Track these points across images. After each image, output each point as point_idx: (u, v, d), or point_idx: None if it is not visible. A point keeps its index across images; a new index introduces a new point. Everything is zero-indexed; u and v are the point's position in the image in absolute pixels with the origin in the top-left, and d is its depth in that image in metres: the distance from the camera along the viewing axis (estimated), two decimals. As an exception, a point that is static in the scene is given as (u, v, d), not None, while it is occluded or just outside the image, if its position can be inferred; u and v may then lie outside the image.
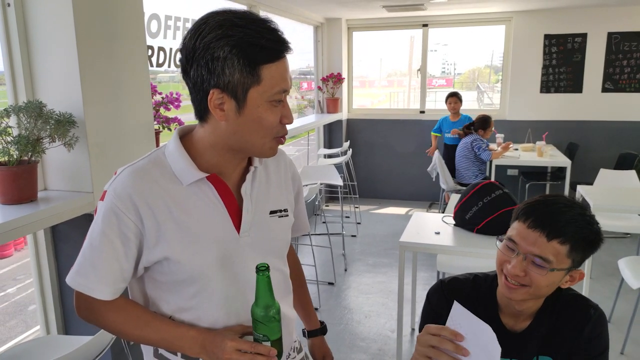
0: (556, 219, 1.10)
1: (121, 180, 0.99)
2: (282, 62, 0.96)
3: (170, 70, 3.54)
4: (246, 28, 0.92)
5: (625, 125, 5.61)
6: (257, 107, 0.95)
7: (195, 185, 1.01)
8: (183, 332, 1.01)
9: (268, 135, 0.99)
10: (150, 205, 0.98)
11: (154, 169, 1.01)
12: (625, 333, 2.97)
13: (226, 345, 0.96)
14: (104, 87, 2.13)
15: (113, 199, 0.97)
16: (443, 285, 1.34)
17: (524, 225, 1.12)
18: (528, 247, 1.11)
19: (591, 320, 1.21)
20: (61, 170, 2.11)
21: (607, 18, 5.45)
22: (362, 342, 3.14)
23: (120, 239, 0.97)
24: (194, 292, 1.04)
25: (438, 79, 9.13)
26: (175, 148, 1.02)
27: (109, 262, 0.98)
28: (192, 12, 3.32)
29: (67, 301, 2.27)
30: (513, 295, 1.15)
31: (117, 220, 0.97)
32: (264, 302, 0.96)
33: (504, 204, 2.56)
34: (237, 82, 0.93)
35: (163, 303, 1.07)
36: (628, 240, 4.73)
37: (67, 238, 2.20)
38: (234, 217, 1.05)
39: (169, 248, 0.99)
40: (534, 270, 1.11)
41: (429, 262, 4.17)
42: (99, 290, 0.99)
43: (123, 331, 1.04)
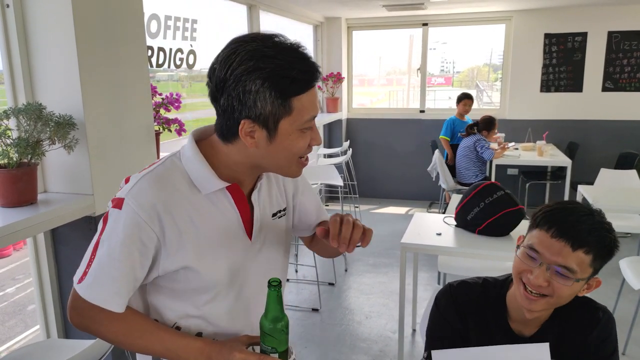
0: (579, 228, 1.08)
1: (142, 188, 0.96)
2: (312, 91, 0.97)
3: (169, 69, 3.52)
4: (277, 59, 0.91)
5: (626, 124, 5.61)
6: (289, 135, 0.96)
7: (213, 194, 1.01)
8: (189, 342, 0.98)
9: (296, 159, 1.01)
10: (172, 214, 0.96)
11: (170, 174, 0.99)
12: (627, 333, 2.97)
13: (234, 357, 0.95)
14: (104, 89, 2.12)
15: (136, 208, 0.94)
16: (452, 290, 1.33)
17: (546, 235, 1.10)
18: (552, 257, 1.09)
19: (600, 322, 1.20)
20: (61, 173, 2.10)
21: (608, 17, 5.44)
22: (363, 343, 3.13)
23: (139, 250, 0.95)
24: (206, 300, 1.04)
25: (437, 78, 9.11)
26: (194, 155, 1.01)
27: (126, 274, 0.95)
28: (192, 12, 3.30)
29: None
30: (533, 306, 1.13)
31: (139, 231, 0.94)
32: (274, 315, 0.96)
33: (506, 205, 2.56)
34: (268, 113, 0.93)
35: (167, 310, 1.05)
36: (628, 239, 4.72)
37: (67, 240, 2.18)
38: (246, 225, 1.06)
39: (189, 257, 0.98)
40: (558, 281, 1.09)
41: (429, 262, 4.16)
42: (115, 302, 0.95)
43: (125, 341, 1.00)
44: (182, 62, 3.20)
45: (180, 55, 3.17)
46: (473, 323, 1.28)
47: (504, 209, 2.55)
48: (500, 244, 2.53)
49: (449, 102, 11.61)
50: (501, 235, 2.62)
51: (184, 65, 3.22)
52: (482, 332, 1.27)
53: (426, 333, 1.38)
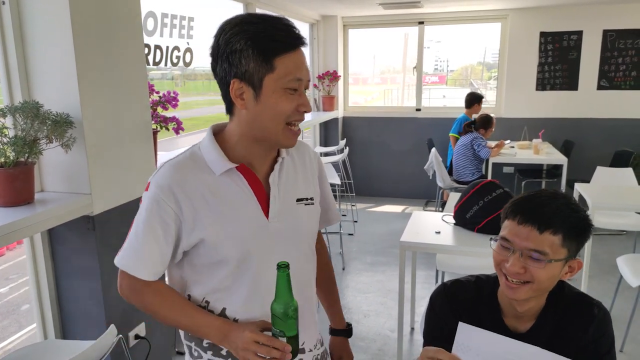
0: (543, 211, 1.11)
1: (162, 173, 1.09)
2: (296, 54, 1.05)
3: (163, 68, 3.50)
4: (260, 24, 1.03)
5: (621, 122, 5.63)
6: (273, 93, 1.04)
7: (227, 175, 1.11)
8: (211, 321, 1.10)
9: (282, 122, 1.06)
10: (187, 194, 1.07)
11: (190, 161, 1.11)
12: (625, 331, 2.98)
13: (245, 336, 1.03)
14: (101, 87, 2.10)
15: (155, 189, 1.08)
16: (445, 289, 1.33)
17: (514, 223, 1.14)
18: (522, 242, 1.11)
19: (596, 318, 1.20)
20: (59, 172, 2.08)
21: (603, 15, 5.46)
22: (361, 342, 3.13)
23: (160, 225, 1.07)
24: (227, 273, 1.12)
25: (431, 76, 9.12)
26: (209, 142, 1.13)
27: (150, 246, 1.08)
28: (189, 10, 3.28)
29: (65, 305, 2.23)
30: (516, 294, 1.15)
31: (158, 208, 1.07)
32: (283, 299, 1.00)
33: (505, 203, 2.53)
34: (252, 70, 1.02)
35: (198, 285, 1.15)
36: (624, 237, 4.75)
37: (65, 240, 2.16)
38: (263, 204, 1.13)
39: (205, 231, 1.08)
40: (532, 265, 1.11)
41: (427, 260, 4.16)
42: (141, 270, 1.10)
43: (159, 312, 1.13)
44: (179, 60, 3.18)
45: (177, 53, 3.15)
46: (467, 321, 1.28)
47: (503, 207, 2.54)
48: (499, 242, 2.53)
49: (443, 101, 11.64)
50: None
51: (180, 64, 3.19)
52: None
53: (423, 334, 1.38)
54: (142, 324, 2.42)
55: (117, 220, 2.21)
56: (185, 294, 1.17)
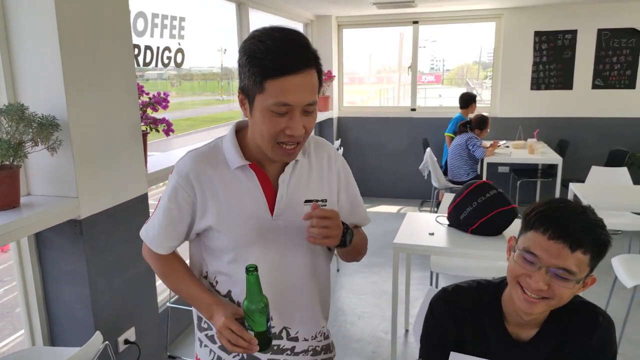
0: (575, 228, 1.06)
1: (184, 160, 1.21)
2: (290, 78, 1.05)
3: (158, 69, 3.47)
4: (267, 43, 1.05)
5: (616, 121, 5.62)
6: (260, 112, 1.09)
7: (241, 170, 1.19)
8: (204, 297, 1.21)
9: (270, 140, 1.11)
10: (201, 183, 1.18)
11: (211, 153, 1.21)
12: (620, 331, 2.96)
13: (220, 320, 1.12)
14: (88, 89, 2.06)
15: (176, 175, 1.20)
16: (446, 295, 1.29)
17: (543, 237, 1.07)
18: (552, 259, 1.06)
19: (600, 327, 1.17)
20: (45, 175, 2.05)
21: (597, 14, 5.45)
22: (355, 344, 3.10)
23: (177, 207, 1.19)
24: (230, 259, 1.20)
25: (427, 76, 9.10)
26: (230, 137, 1.22)
27: (166, 225, 1.22)
28: (180, 10, 3.24)
29: (53, 310, 2.20)
30: (533, 309, 1.11)
31: (176, 192, 1.19)
32: (250, 298, 1.07)
33: (498, 204, 2.53)
34: (248, 87, 1.09)
35: (208, 265, 1.26)
36: (619, 236, 4.74)
37: (52, 244, 2.13)
38: (270, 202, 1.20)
39: (213, 219, 1.18)
40: (558, 284, 1.07)
41: (422, 261, 4.14)
42: (155, 244, 1.26)
43: (164, 279, 1.31)
44: (170, 60, 3.15)
45: (168, 54, 3.11)
46: (469, 328, 1.26)
47: (496, 208, 2.53)
48: (493, 244, 2.51)
49: (439, 100, 11.63)
50: (494, 234, 2.60)
51: (171, 64, 3.16)
52: (478, 337, 1.24)
53: (420, 339, 1.34)
54: (132, 328, 2.39)
55: (105, 223, 2.18)
56: (203, 271, 1.28)
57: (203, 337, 1.31)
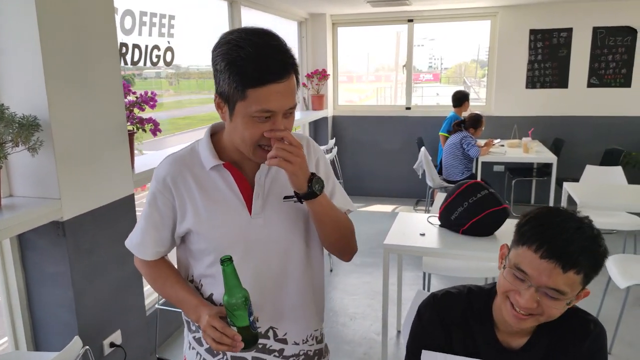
0: (570, 247, 1.01)
1: (161, 165, 1.22)
2: (271, 87, 1.04)
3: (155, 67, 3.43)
4: (242, 50, 1.03)
5: (611, 120, 5.60)
6: (242, 118, 1.08)
7: (216, 171, 1.18)
8: (191, 299, 1.19)
9: (251, 145, 1.10)
10: (179, 187, 1.18)
11: (187, 156, 1.22)
12: (613, 332, 2.94)
13: (204, 319, 1.11)
14: (71, 88, 2.03)
15: (154, 180, 1.21)
16: (435, 301, 1.26)
17: (535, 255, 1.02)
18: (542, 279, 1.02)
19: (591, 335, 1.14)
20: (27, 176, 2.01)
21: (592, 12, 5.42)
22: (347, 345, 3.07)
23: (158, 212, 1.20)
24: (211, 262, 1.19)
25: (425, 74, 9.06)
26: (204, 140, 1.22)
27: (149, 231, 1.23)
28: (169, 8, 3.20)
29: (37, 313, 2.17)
30: (522, 325, 1.09)
31: (155, 197, 1.20)
32: (229, 292, 1.05)
33: (490, 205, 2.50)
34: (228, 93, 1.07)
35: (194, 268, 1.26)
36: (614, 236, 4.71)
37: (35, 247, 2.09)
38: (247, 201, 1.19)
39: (191, 221, 1.18)
40: (548, 303, 1.04)
41: (414, 261, 4.11)
42: (141, 252, 1.26)
43: (154, 284, 1.29)
44: (159, 59, 3.10)
45: (157, 52, 3.07)
46: (458, 335, 1.23)
47: (488, 209, 2.50)
48: (484, 244, 2.48)
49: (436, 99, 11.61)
50: (485, 235, 2.57)
51: (161, 63, 3.12)
52: (467, 344, 1.21)
53: (407, 345, 1.31)
54: (117, 331, 2.35)
55: (89, 225, 2.15)
56: (190, 274, 1.27)
57: (191, 339, 1.31)
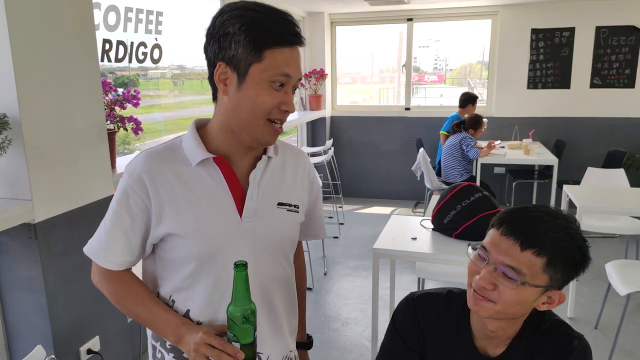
0: (533, 227, 0.98)
1: (135, 161, 1.07)
2: (289, 50, 1.01)
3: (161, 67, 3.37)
4: (261, 13, 0.99)
5: (614, 121, 5.48)
6: (257, 84, 0.99)
7: (203, 166, 1.06)
8: (170, 318, 1.04)
9: (262, 116, 1.01)
10: (156, 184, 1.04)
11: (167, 151, 1.08)
12: (613, 340, 2.83)
13: (198, 337, 0.96)
14: (44, 84, 1.95)
15: (127, 177, 1.06)
16: (412, 302, 1.19)
17: (497, 232, 1.01)
18: (499, 256, 0.98)
19: (574, 352, 1.06)
20: (-4, 176, 1.93)
21: (595, 11, 5.31)
22: (337, 352, 2.98)
23: (129, 215, 1.05)
24: (191, 271, 1.06)
25: (430, 75, 8.97)
26: (190, 132, 1.10)
27: (117, 235, 1.06)
28: (157, 4, 3.12)
29: (10, 318, 2.09)
30: (479, 308, 1.02)
31: (127, 196, 1.05)
32: (239, 302, 0.93)
33: (484, 208, 2.40)
34: (240, 56, 0.99)
35: (165, 282, 1.10)
36: (616, 240, 4.60)
37: (7, 249, 2.01)
38: (238, 201, 1.07)
39: (170, 224, 1.04)
40: (502, 282, 0.98)
41: (411, 265, 4.01)
42: (105, 259, 1.08)
43: (121, 303, 1.10)
44: (146, 56, 3.02)
45: (144, 50, 2.99)
46: (432, 339, 1.16)
47: (481, 212, 2.40)
48: (478, 249, 2.38)
49: (440, 100, 11.51)
50: (479, 239, 2.46)
51: (147, 60, 3.04)
52: (442, 348, 1.15)
53: (379, 351, 1.23)
54: (95, 337, 2.27)
55: (63, 228, 2.06)
56: (155, 291, 1.12)
57: (158, 346, 1.16)
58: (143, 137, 3.04)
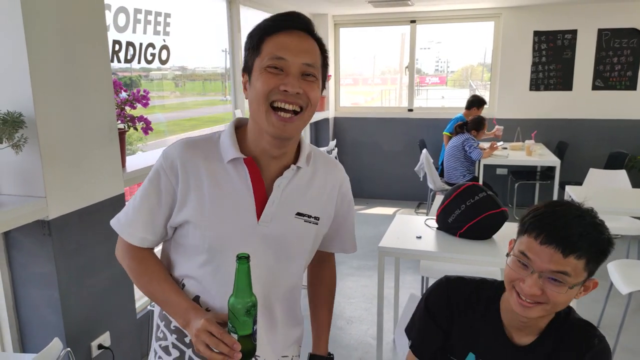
0: (569, 233, 1.03)
1: (173, 146, 1.13)
2: (285, 35, 1.04)
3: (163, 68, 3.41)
4: (270, 17, 1.07)
5: (616, 123, 5.52)
6: (258, 74, 1.04)
7: (233, 165, 1.10)
8: (180, 301, 1.08)
9: (264, 102, 1.03)
10: (187, 172, 1.09)
11: (204, 144, 1.13)
12: (615, 339, 2.86)
13: (199, 323, 1.00)
14: (59, 85, 1.99)
15: (162, 159, 1.12)
16: (444, 284, 1.29)
17: (535, 242, 1.06)
18: (544, 264, 1.04)
19: (593, 349, 1.15)
20: (11, 174, 1.97)
21: (597, 14, 5.35)
22: (342, 349, 3.01)
23: (157, 195, 1.10)
24: (202, 262, 1.10)
25: (431, 77, 9.00)
26: (228, 129, 1.14)
27: (143, 212, 1.11)
28: (165, 6, 3.17)
29: (24, 315, 2.12)
30: (528, 313, 1.09)
31: (158, 178, 1.10)
32: (240, 294, 0.95)
33: (488, 208, 2.44)
34: (247, 59, 1.07)
35: (178, 266, 1.15)
36: (618, 241, 4.63)
37: (21, 246, 2.05)
38: (259, 205, 1.10)
39: (191, 212, 1.08)
40: (551, 289, 1.05)
41: (414, 264, 4.04)
42: (129, 233, 1.13)
43: (138, 280, 1.15)
44: (154, 57, 3.07)
45: (152, 51, 3.03)
46: (459, 321, 1.25)
47: (485, 212, 2.44)
48: (481, 248, 2.42)
49: (442, 101, 11.54)
50: (483, 238, 2.51)
51: (155, 61, 3.08)
52: (467, 331, 1.23)
53: (409, 321, 1.34)
54: (106, 333, 2.31)
55: (76, 225, 2.10)
56: (170, 273, 1.17)
57: (157, 348, 1.20)
58: (145, 138, 3.07)
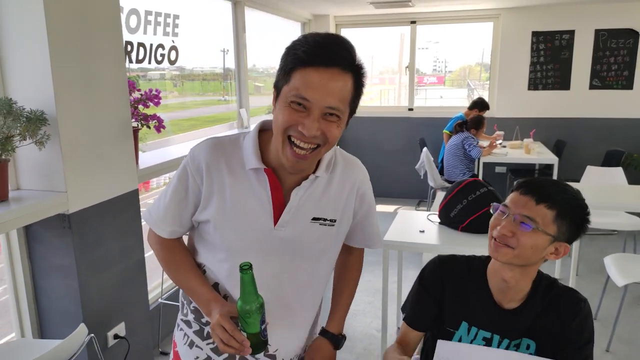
0: (546, 186, 1.21)
1: (200, 146, 1.18)
2: (315, 72, 1.00)
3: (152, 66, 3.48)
4: (305, 38, 1.04)
5: (613, 122, 5.62)
6: (282, 103, 1.05)
7: (254, 173, 1.15)
8: (205, 291, 1.18)
9: (282, 132, 1.06)
10: (212, 175, 1.15)
11: (230, 146, 1.18)
12: (611, 330, 2.96)
13: (215, 317, 1.09)
14: (77, 84, 2.07)
15: (189, 158, 1.18)
16: (437, 261, 1.42)
17: (516, 193, 1.23)
18: (517, 209, 1.20)
19: (580, 313, 1.26)
20: (34, 169, 2.05)
21: (595, 15, 5.45)
22: (347, 341, 3.08)
23: (185, 191, 1.18)
24: (221, 259, 1.18)
25: (429, 77, 9.09)
26: (252, 136, 1.18)
27: (172, 208, 1.19)
28: (174, 7, 3.26)
29: (43, 304, 2.21)
30: (499, 254, 1.22)
31: (186, 177, 1.17)
32: (244, 298, 1.04)
33: (489, 202, 2.49)
34: (278, 79, 1.08)
35: (199, 254, 1.24)
36: (615, 237, 4.74)
37: (42, 239, 2.14)
38: (276, 211, 1.16)
39: (212, 213, 1.15)
40: (521, 232, 1.18)
41: (416, 259, 4.14)
42: (160, 228, 1.22)
43: (166, 268, 1.26)
44: (164, 58, 3.16)
45: (162, 51, 3.12)
46: (452, 292, 1.36)
47: (486, 206, 2.51)
48: (483, 241, 2.49)
49: (440, 102, 11.63)
50: (484, 232, 2.59)
51: (165, 62, 3.17)
52: (460, 300, 1.35)
53: (404, 303, 1.47)
54: (122, 323, 2.39)
55: (94, 218, 2.19)
56: (194, 257, 1.26)
57: (180, 321, 1.33)
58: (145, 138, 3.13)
